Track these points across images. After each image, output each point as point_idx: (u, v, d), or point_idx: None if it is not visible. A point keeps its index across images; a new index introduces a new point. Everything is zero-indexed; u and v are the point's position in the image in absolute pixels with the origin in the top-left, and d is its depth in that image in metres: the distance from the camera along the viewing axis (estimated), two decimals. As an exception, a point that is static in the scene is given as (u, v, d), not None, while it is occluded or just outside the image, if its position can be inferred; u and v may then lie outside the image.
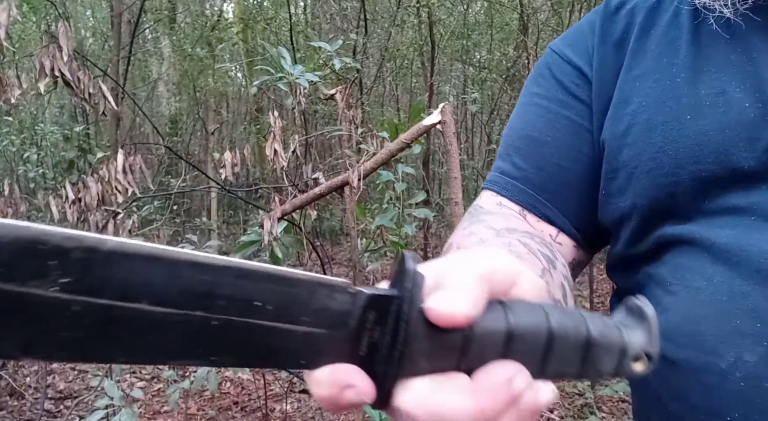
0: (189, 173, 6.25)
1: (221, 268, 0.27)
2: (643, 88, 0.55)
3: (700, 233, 0.50)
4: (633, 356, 0.34)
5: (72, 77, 1.92)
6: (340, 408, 0.29)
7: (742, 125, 0.48)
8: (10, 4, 1.82)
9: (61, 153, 6.41)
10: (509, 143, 0.64)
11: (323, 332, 0.30)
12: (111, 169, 2.21)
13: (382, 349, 0.30)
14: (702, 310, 0.48)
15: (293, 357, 0.30)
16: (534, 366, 0.32)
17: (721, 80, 0.50)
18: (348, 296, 0.30)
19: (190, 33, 7.55)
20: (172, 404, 2.35)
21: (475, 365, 0.31)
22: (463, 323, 0.29)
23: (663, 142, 0.52)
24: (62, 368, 3.98)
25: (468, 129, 7.18)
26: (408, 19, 6.24)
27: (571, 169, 0.60)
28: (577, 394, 3.28)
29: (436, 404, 0.29)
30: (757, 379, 0.45)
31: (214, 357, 0.28)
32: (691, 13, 0.54)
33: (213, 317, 0.27)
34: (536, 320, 0.32)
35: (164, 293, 0.26)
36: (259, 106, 7.35)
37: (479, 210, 0.63)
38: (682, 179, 0.51)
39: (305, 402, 3.33)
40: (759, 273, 0.46)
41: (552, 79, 0.62)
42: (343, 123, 2.55)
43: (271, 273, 0.28)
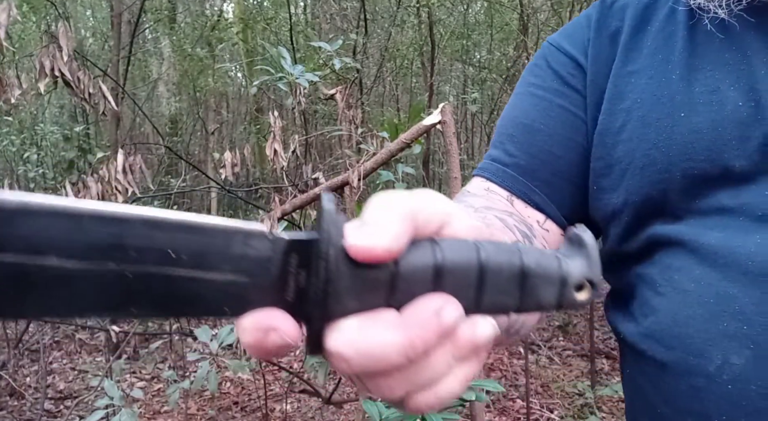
0: (189, 173, 6.25)
1: (129, 219, 0.27)
2: (638, 84, 0.55)
3: (690, 234, 0.50)
4: (575, 285, 0.33)
5: (72, 77, 1.92)
6: (268, 353, 0.29)
7: (734, 124, 0.49)
8: (10, 4, 1.82)
9: (61, 153, 6.41)
10: (502, 132, 0.65)
11: (245, 279, 0.29)
12: (111, 169, 2.21)
13: (309, 292, 0.30)
14: (690, 312, 0.49)
15: (216, 306, 0.29)
16: (468, 300, 0.31)
17: (715, 78, 0.50)
18: (267, 241, 0.30)
19: (190, 33, 7.55)
20: (172, 404, 2.35)
21: (405, 303, 0.31)
22: (383, 257, 0.29)
23: (657, 139, 0.52)
24: (62, 368, 3.98)
25: (468, 129, 7.18)
26: (408, 19, 6.24)
27: (563, 157, 0.60)
28: (577, 394, 3.28)
29: (365, 342, 0.29)
30: (743, 382, 0.45)
31: (134, 309, 0.28)
32: (687, 13, 0.54)
33: (126, 268, 0.27)
34: (466, 254, 0.31)
35: (72, 246, 0.26)
36: (259, 106, 7.35)
37: (464, 193, 0.63)
38: (674, 176, 0.51)
39: (305, 402, 3.33)
40: (746, 275, 0.46)
41: (548, 70, 0.63)
42: (343, 123, 2.55)
43: (182, 222, 0.28)
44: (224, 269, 0.29)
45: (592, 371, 3.21)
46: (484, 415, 1.85)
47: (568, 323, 4.29)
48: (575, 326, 4.28)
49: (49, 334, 3.94)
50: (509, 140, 0.63)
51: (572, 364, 3.76)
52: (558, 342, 4.14)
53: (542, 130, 0.61)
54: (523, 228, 0.57)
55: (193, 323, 3.80)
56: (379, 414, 1.36)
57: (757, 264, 0.46)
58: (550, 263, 0.33)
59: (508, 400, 3.28)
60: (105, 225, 0.27)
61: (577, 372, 3.61)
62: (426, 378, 0.30)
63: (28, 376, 3.73)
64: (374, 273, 0.30)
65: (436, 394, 0.31)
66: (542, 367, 3.71)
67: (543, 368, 3.70)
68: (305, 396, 3.23)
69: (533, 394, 3.26)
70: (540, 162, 0.61)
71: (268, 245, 0.30)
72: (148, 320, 0.51)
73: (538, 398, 3.26)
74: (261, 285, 0.30)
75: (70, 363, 4.06)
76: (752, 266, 0.46)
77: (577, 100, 0.60)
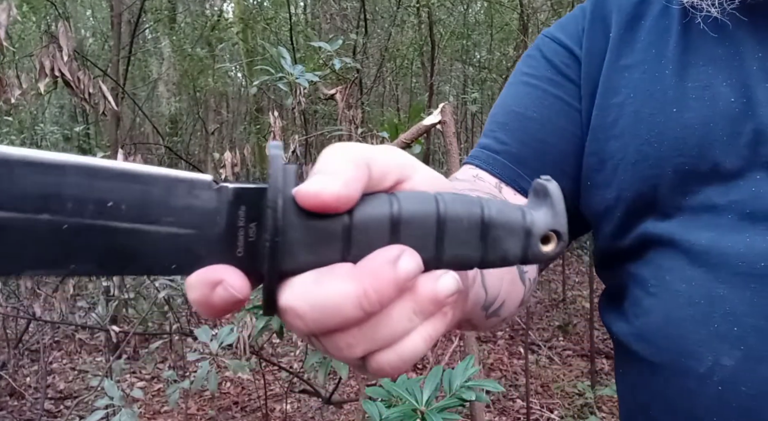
0: (189, 173, 6.24)
1: (64, 166, 0.25)
2: (631, 79, 0.54)
3: (680, 234, 0.49)
4: (540, 237, 0.32)
5: (72, 77, 1.92)
6: (216, 309, 0.28)
7: (725, 119, 0.48)
8: (10, 4, 1.82)
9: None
10: (494, 120, 0.63)
11: (191, 232, 0.28)
12: (111, 169, 2.21)
13: (260, 245, 0.28)
14: (681, 313, 0.48)
15: (162, 261, 0.28)
16: (428, 253, 0.30)
17: (707, 74, 0.50)
18: (212, 192, 0.28)
19: (190, 33, 7.55)
20: (172, 404, 2.35)
21: (362, 257, 0.29)
22: (332, 204, 0.28)
23: (649, 135, 0.52)
24: (62, 368, 3.98)
25: (468, 129, 7.18)
26: (408, 19, 6.24)
27: (556, 146, 0.59)
28: (577, 394, 3.28)
29: (318, 295, 0.27)
30: (734, 383, 0.45)
31: (73, 265, 0.26)
32: (680, 11, 0.54)
33: (63, 220, 0.25)
34: (424, 205, 0.30)
35: (2, 196, 0.24)
36: (259, 106, 7.35)
37: (451, 179, 0.62)
38: (666, 172, 0.50)
39: (305, 402, 3.33)
40: (736, 276, 0.46)
41: (542, 59, 0.62)
42: (343, 123, 2.55)
43: (121, 170, 0.27)
44: (168, 221, 0.27)
45: (592, 371, 3.21)
46: (484, 415, 1.85)
47: (568, 323, 4.29)
48: (575, 326, 4.28)
49: (49, 334, 3.94)
50: (501, 128, 0.62)
51: (572, 364, 3.76)
52: (558, 342, 4.14)
53: (535, 119, 0.60)
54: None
55: (193, 323, 3.80)
56: (379, 414, 1.36)
57: (747, 264, 0.45)
58: (513, 214, 0.32)
59: (508, 400, 3.28)
60: (38, 173, 0.25)
61: (577, 372, 3.61)
62: (386, 335, 0.29)
63: (28, 376, 3.73)
64: (327, 224, 0.28)
65: (399, 353, 0.29)
66: (542, 367, 3.71)
67: (543, 368, 3.70)
68: (305, 396, 3.23)
69: (533, 394, 3.26)
70: (531, 150, 0.60)
71: (213, 195, 0.28)
72: (93, 276, 0.49)
73: (538, 398, 3.26)
74: (208, 239, 0.28)
75: (70, 363, 4.06)
76: (742, 266, 0.45)
77: (572, 90, 0.59)
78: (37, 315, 2.95)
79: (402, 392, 1.38)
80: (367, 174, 0.29)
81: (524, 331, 3.65)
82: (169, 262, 0.28)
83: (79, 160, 0.26)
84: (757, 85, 0.48)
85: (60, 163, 0.25)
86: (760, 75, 0.48)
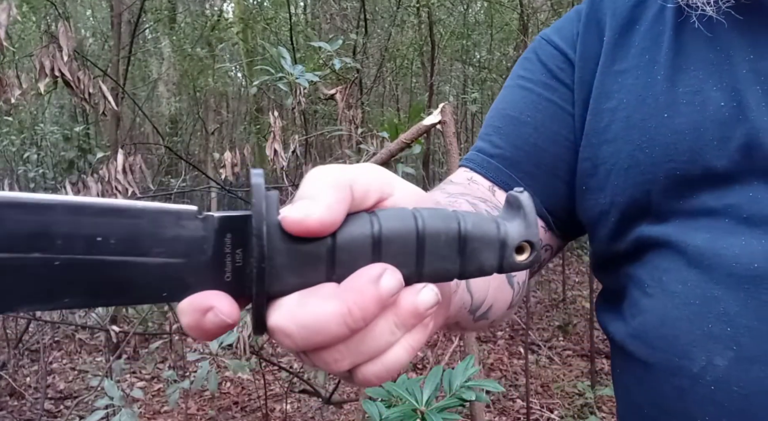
0: (189, 173, 6.25)
1: (51, 206, 0.27)
2: (624, 84, 0.55)
3: (676, 236, 0.50)
4: (514, 247, 0.33)
5: (72, 77, 1.92)
6: (207, 333, 0.29)
7: (716, 124, 0.48)
8: (10, 4, 1.82)
9: (61, 153, 6.41)
10: (489, 124, 0.64)
11: (180, 261, 0.29)
12: (111, 169, 2.21)
13: (247, 270, 0.30)
14: (676, 313, 0.49)
15: (154, 291, 0.29)
16: (409, 268, 0.31)
17: (698, 79, 0.50)
18: (198, 221, 0.29)
19: (190, 33, 7.55)
20: (172, 404, 2.35)
21: (346, 277, 0.30)
22: (317, 229, 0.29)
23: (641, 140, 0.52)
24: (62, 368, 3.98)
25: (468, 129, 7.19)
26: (408, 19, 6.24)
27: (548, 150, 0.59)
28: (577, 394, 3.28)
29: (305, 315, 0.29)
30: (726, 383, 0.45)
31: (67, 299, 0.27)
32: (675, 10, 0.54)
33: (54, 257, 0.26)
34: (404, 223, 0.31)
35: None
36: (259, 106, 7.34)
37: (445, 182, 0.63)
38: (658, 178, 0.51)
39: (305, 402, 3.33)
40: (730, 277, 0.46)
41: (538, 63, 0.62)
42: (343, 123, 2.55)
43: (108, 206, 0.28)
44: (157, 252, 0.29)
45: (592, 371, 3.21)
46: (484, 415, 1.85)
47: (568, 323, 4.29)
48: (575, 326, 4.28)
49: (49, 334, 3.94)
50: (495, 132, 0.63)
51: (572, 364, 3.76)
52: (558, 342, 4.14)
53: (529, 123, 0.60)
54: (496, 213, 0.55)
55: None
56: (379, 414, 1.36)
57: (742, 266, 0.46)
58: (488, 227, 0.33)
59: (508, 400, 3.28)
60: (27, 213, 0.26)
61: (577, 372, 3.61)
62: (371, 348, 0.30)
63: (28, 376, 3.73)
64: (311, 247, 0.30)
65: (384, 364, 0.31)
66: (542, 367, 3.71)
67: (543, 368, 3.70)
68: (305, 396, 3.23)
69: (533, 394, 3.26)
70: (525, 154, 0.60)
71: (199, 224, 0.29)
72: (87, 308, 0.49)
73: (538, 398, 3.26)
74: (197, 267, 0.29)
75: (70, 363, 4.06)
76: (736, 268, 0.46)
77: (566, 95, 0.60)
78: (37, 315, 2.95)
79: (402, 392, 1.38)
80: (350, 196, 0.30)
81: (524, 331, 3.65)
82: (161, 290, 0.29)
83: (67, 199, 0.27)
84: (747, 89, 0.48)
85: (48, 203, 0.27)
86: (749, 78, 0.48)
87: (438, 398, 1.41)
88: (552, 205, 0.61)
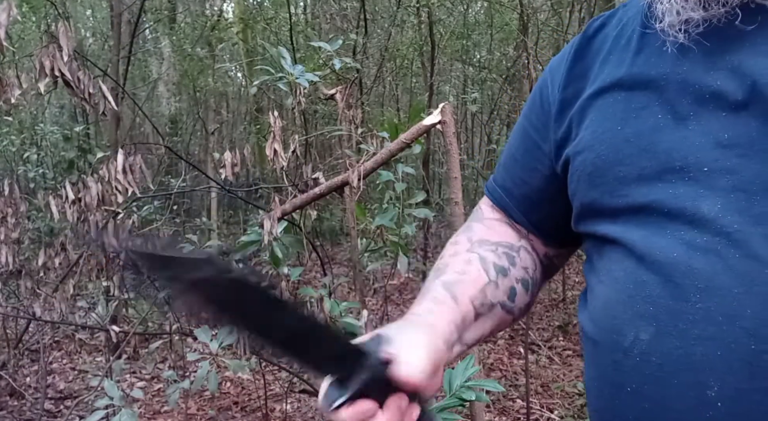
0: (189, 173, 6.24)
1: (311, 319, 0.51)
2: (595, 104, 0.63)
3: (622, 232, 0.59)
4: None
5: (72, 77, 1.92)
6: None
7: (652, 132, 0.57)
8: (10, 4, 1.82)
9: (61, 153, 6.41)
10: (503, 156, 0.80)
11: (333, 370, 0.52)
12: (111, 169, 2.21)
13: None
14: (616, 296, 0.58)
15: (322, 369, 0.53)
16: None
17: (647, 96, 0.59)
18: (361, 357, 0.52)
19: (190, 33, 7.55)
20: (172, 404, 2.35)
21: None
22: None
23: (600, 149, 0.61)
24: (62, 368, 3.98)
25: (468, 129, 7.19)
26: (408, 19, 6.24)
27: (529, 182, 0.74)
28: (577, 394, 3.28)
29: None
30: (648, 354, 0.54)
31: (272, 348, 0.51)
32: (640, 34, 0.62)
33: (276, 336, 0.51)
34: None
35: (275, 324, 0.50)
36: (259, 106, 7.35)
37: (477, 213, 0.80)
38: (608, 180, 0.60)
39: (305, 402, 3.33)
40: (654, 264, 0.55)
41: (538, 101, 0.72)
42: (343, 123, 2.55)
43: (309, 322, 0.52)
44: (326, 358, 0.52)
45: (592, 371, 3.20)
46: (484, 415, 1.85)
47: (568, 323, 4.29)
48: (575, 326, 4.28)
49: (49, 334, 3.94)
50: (503, 166, 0.79)
51: (572, 364, 3.76)
52: (558, 342, 4.14)
53: (519, 160, 0.75)
54: (501, 262, 0.72)
55: (193, 323, 3.80)
56: (379, 414, 1.35)
57: (664, 255, 0.54)
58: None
59: (508, 400, 3.28)
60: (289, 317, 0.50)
61: (577, 372, 3.61)
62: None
63: (28, 376, 3.73)
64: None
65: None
66: (542, 367, 3.71)
67: (543, 368, 3.70)
68: (305, 396, 3.23)
69: (533, 394, 3.26)
70: (517, 186, 0.76)
71: (358, 359, 0.52)
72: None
73: (538, 398, 3.26)
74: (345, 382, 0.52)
75: (70, 363, 4.06)
76: (660, 256, 0.54)
77: (546, 134, 0.70)
78: (37, 315, 2.95)
79: (402, 392, 1.37)
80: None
81: (524, 331, 3.65)
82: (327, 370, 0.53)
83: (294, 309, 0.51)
84: (679, 103, 0.57)
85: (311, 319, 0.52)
86: (680, 91, 0.57)
87: (438, 398, 1.41)
88: (540, 224, 0.75)
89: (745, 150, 0.52)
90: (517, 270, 0.73)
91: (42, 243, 4.35)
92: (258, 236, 2.24)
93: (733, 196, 0.51)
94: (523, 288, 0.73)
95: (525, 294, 0.73)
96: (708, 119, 0.54)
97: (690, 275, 0.52)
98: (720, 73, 0.54)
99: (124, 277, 3.04)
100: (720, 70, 0.55)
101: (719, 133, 0.53)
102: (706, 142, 0.54)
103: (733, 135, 0.52)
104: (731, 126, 0.53)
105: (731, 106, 0.53)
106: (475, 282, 0.69)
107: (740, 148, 0.52)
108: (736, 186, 0.51)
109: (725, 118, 0.53)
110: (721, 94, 0.54)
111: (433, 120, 1.88)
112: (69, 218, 2.29)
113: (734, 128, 0.53)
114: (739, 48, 0.54)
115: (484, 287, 0.69)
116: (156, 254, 0.42)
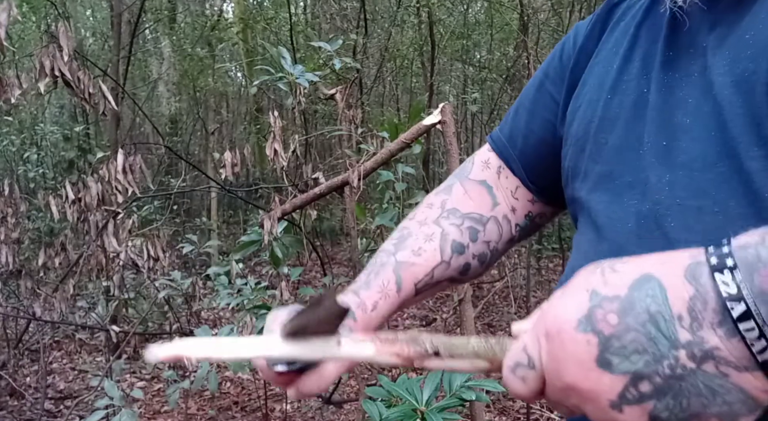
0: (189, 173, 6.25)
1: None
2: (594, 72, 0.66)
3: (587, 200, 0.62)
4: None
5: (72, 77, 1.92)
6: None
7: (632, 104, 0.59)
8: (10, 4, 1.82)
9: (61, 153, 6.41)
10: (512, 108, 0.80)
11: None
12: (111, 169, 2.21)
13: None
14: (579, 263, 0.59)
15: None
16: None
17: (637, 68, 0.61)
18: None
19: (190, 33, 7.55)
20: (172, 404, 2.35)
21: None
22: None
23: (591, 116, 0.63)
24: (62, 368, 3.98)
25: (468, 129, 7.18)
26: (408, 19, 6.24)
27: (536, 131, 0.74)
28: (577, 394, 3.28)
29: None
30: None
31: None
32: (647, 6, 0.63)
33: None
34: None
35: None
36: (259, 106, 7.35)
37: (465, 168, 0.80)
38: (588, 145, 0.62)
39: (305, 402, 3.33)
40: (612, 233, 0.57)
41: (558, 55, 0.74)
42: (343, 123, 2.55)
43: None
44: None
45: (592, 371, 3.20)
46: (484, 415, 1.85)
47: (568, 323, 4.28)
48: (575, 326, 4.28)
49: (49, 334, 3.94)
50: (513, 113, 0.78)
51: (572, 364, 3.76)
52: (558, 342, 4.13)
53: (529, 109, 0.76)
54: (464, 238, 0.73)
55: (193, 323, 3.80)
56: (379, 414, 1.36)
57: (621, 224, 0.56)
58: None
59: (508, 400, 3.28)
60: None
61: (577, 372, 3.61)
62: None
63: (28, 376, 3.73)
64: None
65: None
66: (542, 367, 3.70)
67: (543, 368, 3.70)
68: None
69: (533, 394, 3.26)
70: (522, 135, 0.76)
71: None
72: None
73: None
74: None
75: (70, 363, 4.06)
76: (618, 226, 0.56)
77: (560, 86, 0.72)
78: (37, 315, 2.95)
79: (402, 392, 1.38)
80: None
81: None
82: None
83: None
84: (654, 77, 0.58)
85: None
86: (659, 68, 0.58)
87: (438, 397, 1.41)
88: (537, 177, 0.76)
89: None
90: (477, 245, 0.75)
91: (42, 243, 4.35)
92: (258, 235, 2.24)
93: (681, 173, 0.53)
94: (479, 263, 0.75)
95: (479, 267, 0.76)
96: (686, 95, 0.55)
97: (636, 245, 0.55)
98: (700, 51, 0.55)
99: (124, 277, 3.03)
100: (700, 48, 0.55)
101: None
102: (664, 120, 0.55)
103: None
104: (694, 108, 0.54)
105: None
106: (426, 264, 0.71)
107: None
108: (685, 163, 0.53)
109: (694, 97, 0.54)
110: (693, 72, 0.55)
111: (433, 120, 1.88)
112: (69, 217, 2.29)
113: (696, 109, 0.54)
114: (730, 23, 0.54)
115: (434, 267, 0.71)
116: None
